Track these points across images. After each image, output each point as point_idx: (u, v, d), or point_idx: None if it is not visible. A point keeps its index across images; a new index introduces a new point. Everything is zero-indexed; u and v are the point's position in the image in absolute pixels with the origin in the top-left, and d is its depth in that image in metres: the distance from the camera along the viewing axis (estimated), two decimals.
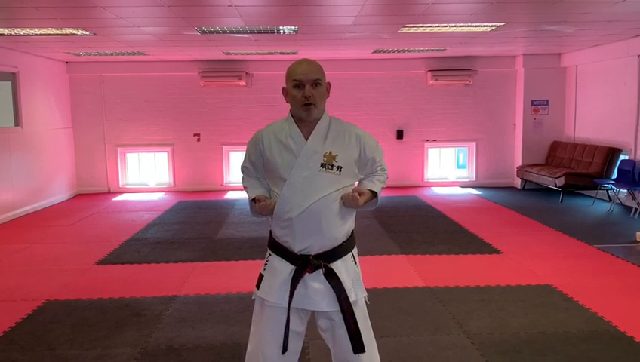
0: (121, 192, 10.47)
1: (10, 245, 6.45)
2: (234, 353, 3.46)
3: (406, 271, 5.20)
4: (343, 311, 2.16)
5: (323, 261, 2.17)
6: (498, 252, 5.83)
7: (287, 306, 2.17)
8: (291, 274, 2.18)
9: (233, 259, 5.71)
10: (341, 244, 2.22)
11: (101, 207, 8.97)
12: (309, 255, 2.17)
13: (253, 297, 2.32)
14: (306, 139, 2.20)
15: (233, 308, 4.24)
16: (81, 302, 4.47)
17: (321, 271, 2.17)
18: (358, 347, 2.18)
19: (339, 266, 2.20)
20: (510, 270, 5.18)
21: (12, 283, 5.01)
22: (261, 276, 2.28)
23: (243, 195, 9.68)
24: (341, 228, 2.21)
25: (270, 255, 2.28)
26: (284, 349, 2.18)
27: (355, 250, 2.32)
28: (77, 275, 5.20)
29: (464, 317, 4.01)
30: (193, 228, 7.27)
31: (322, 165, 2.17)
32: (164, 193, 10.41)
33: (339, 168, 2.18)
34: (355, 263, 2.29)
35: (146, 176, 10.93)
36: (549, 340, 3.61)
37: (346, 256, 2.24)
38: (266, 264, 2.29)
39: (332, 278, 2.17)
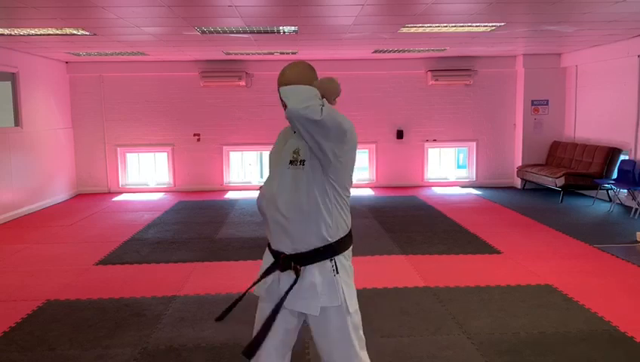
0: (121, 192, 10.46)
1: (10, 245, 6.45)
2: (234, 353, 3.46)
3: (406, 271, 5.20)
4: (273, 310, 2.09)
5: (295, 263, 2.09)
6: (498, 252, 5.83)
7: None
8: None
9: (233, 259, 5.71)
10: (317, 249, 2.08)
11: (101, 207, 8.97)
12: (282, 253, 2.12)
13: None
14: None
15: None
16: (81, 302, 4.47)
17: (292, 272, 2.10)
18: (246, 351, 2.11)
19: (312, 270, 2.09)
20: (510, 270, 5.18)
21: (12, 283, 5.01)
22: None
23: (243, 195, 9.68)
24: (315, 233, 2.07)
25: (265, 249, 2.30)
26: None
27: (339, 258, 2.13)
28: (77, 275, 5.20)
29: (464, 317, 4.02)
30: (193, 228, 7.27)
31: (290, 162, 2.09)
32: (164, 193, 10.41)
33: (302, 162, 2.07)
34: (336, 272, 2.11)
35: (146, 176, 10.92)
36: (549, 340, 3.61)
37: (323, 262, 2.10)
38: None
39: (295, 280, 2.08)
